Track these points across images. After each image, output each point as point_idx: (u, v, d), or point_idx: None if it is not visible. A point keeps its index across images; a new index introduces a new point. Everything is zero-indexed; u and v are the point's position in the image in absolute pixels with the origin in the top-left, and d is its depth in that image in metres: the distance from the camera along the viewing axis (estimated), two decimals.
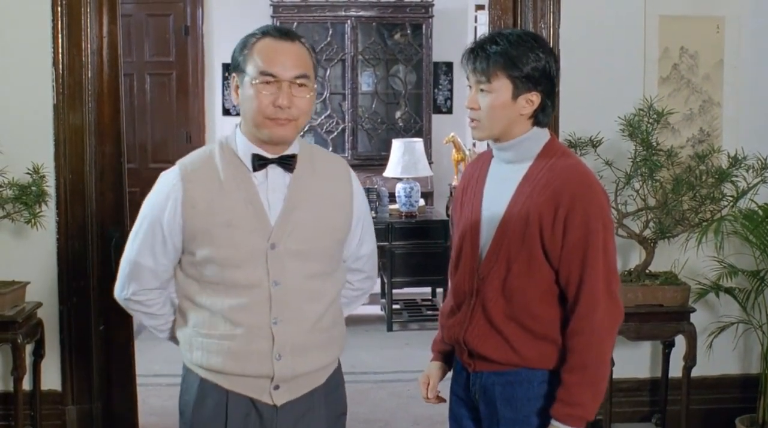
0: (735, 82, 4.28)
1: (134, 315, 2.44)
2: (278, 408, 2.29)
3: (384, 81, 8.50)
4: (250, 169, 2.28)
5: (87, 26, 4.03)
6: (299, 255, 2.27)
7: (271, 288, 2.25)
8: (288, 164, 2.30)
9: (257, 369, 2.25)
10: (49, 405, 4.11)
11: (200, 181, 2.26)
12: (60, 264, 4.09)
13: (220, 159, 2.29)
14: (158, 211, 2.28)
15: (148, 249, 2.31)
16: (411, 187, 6.56)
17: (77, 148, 4.05)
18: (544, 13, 4.13)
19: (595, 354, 2.32)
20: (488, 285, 2.39)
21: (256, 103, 2.22)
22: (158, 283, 2.35)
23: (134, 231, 2.35)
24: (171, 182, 2.28)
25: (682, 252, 4.10)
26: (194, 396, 2.32)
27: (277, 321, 2.25)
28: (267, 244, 2.25)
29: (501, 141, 2.43)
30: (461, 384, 2.54)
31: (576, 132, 4.03)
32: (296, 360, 2.28)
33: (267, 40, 2.24)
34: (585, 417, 2.32)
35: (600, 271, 2.31)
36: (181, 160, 2.34)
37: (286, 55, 2.23)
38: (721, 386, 4.36)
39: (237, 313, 2.25)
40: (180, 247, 2.29)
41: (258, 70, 2.21)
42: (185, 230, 2.26)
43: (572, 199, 2.31)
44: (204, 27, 8.31)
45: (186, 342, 2.34)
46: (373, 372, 5.52)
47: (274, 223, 2.26)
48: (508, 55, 2.33)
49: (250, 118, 2.25)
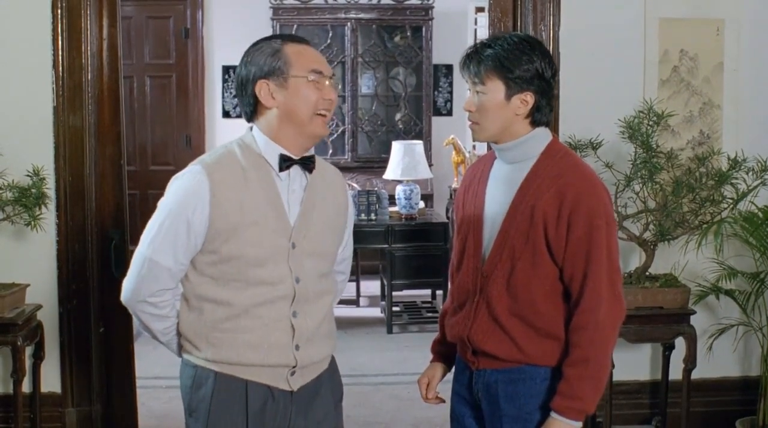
0: (735, 85, 4.28)
1: (142, 318, 2.42)
2: (293, 393, 2.38)
3: (384, 83, 8.50)
4: (275, 169, 2.34)
5: (87, 28, 4.03)
6: (314, 254, 2.38)
7: (294, 284, 2.34)
8: (308, 165, 2.38)
9: (279, 359, 2.34)
10: (49, 408, 4.11)
11: (227, 179, 2.31)
12: (60, 267, 4.08)
13: (243, 157, 2.34)
14: (183, 209, 2.29)
15: (170, 247, 2.30)
16: (411, 190, 6.55)
17: (77, 150, 4.05)
18: (544, 16, 4.13)
19: (597, 349, 2.35)
20: (492, 283, 2.42)
21: (311, 99, 2.32)
22: (173, 284, 2.37)
23: (153, 230, 2.33)
24: (197, 179, 2.29)
25: (682, 255, 4.10)
26: (211, 391, 2.35)
27: (297, 314, 2.35)
28: (288, 244, 2.34)
29: (501, 142, 2.47)
30: (463, 383, 2.55)
31: (576, 134, 4.03)
32: (311, 349, 2.38)
33: (293, 44, 2.36)
34: (585, 411, 2.35)
35: (603, 268, 2.35)
36: (200, 159, 2.37)
37: (318, 55, 2.40)
38: (722, 388, 4.36)
39: (259, 308, 2.32)
40: (200, 246, 2.31)
41: (308, 68, 2.33)
42: (211, 228, 2.29)
43: (576, 197, 2.35)
44: (204, 29, 8.32)
45: (200, 340, 2.35)
46: (373, 374, 5.52)
47: (293, 224, 2.35)
48: (500, 57, 2.40)
49: (299, 116, 2.33)
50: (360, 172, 8.19)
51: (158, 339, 2.48)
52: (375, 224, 6.48)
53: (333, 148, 8.30)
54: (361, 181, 7.99)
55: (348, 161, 8.24)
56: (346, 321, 6.59)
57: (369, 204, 6.51)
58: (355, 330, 6.54)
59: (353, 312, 7.03)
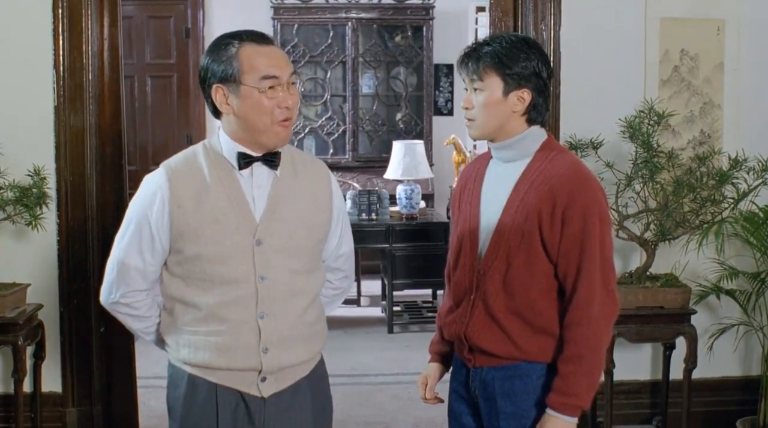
0: (735, 84, 4.28)
1: (120, 319, 2.45)
2: (265, 400, 2.34)
3: (385, 83, 8.50)
4: (235, 167, 2.32)
5: (88, 28, 4.03)
6: (283, 251, 2.33)
7: (257, 283, 2.30)
8: (272, 162, 2.34)
9: (245, 362, 2.30)
10: (50, 407, 4.11)
11: (186, 180, 2.31)
12: (61, 266, 4.09)
13: (205, 158, 2.34)
14: (145, 211, 2.32)
15: (135, 249, 2.33)
16: (412, 189, 6.55)
17: (78, 149, 4.06)
18: (544, 16, 4.13)
19: (591, 345, 2.36)
20: (489, 281, 2.43)
21: (266, 108, 2.25)
22: (146, 285, 2.38)
23: (121, 233, 2.38)
24: (157, 182, 2.32)
25: (683, 255, 4.10)
26: (183, 392, 2.36)
27: (264, 315, 2.31)
28: (253, 241, 2.30)
29: (497, 140, 2.49)
30: (461, 381, 2.57)
31: (577, 134, 4.03)
32: (282, 353, 2.33)
33: (250, 45, 2.27)
34: (580, 406, 2.37)
35: (597, 264, 2.36)
36: (165, 161, 2.38)
37: (276, 56, 2.29)
38: (722, 388, 4.36)
39: (224, 309, 2.30)
40: (167, 247, 2.33)
41: (260, 75, 2.24)
42: (173, 229, 2.30)
43: (570, 194, 2.37)
44: (205, 29, 8.31)
45: (173, 341, 2.38)
46: (373, 374, 5.51)
47: (259, 220, 2.31)
48: (498, 54, 2.41)
49: (255, 125, 2.27)
50: (361, 172, 8.18)
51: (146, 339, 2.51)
52: (376, 224, 6.48)
53: (334, 148, 8.30)
54: (362, 180, 7.99)
55: (349, 161, 8.24)
56: (346, 320, 6.59)
57: (370, 203, 6.50)
58: (355, 329, 6.53)
59: (354, 311, 7.02)
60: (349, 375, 5.22)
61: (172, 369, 2.41)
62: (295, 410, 2.38)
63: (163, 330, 2.41)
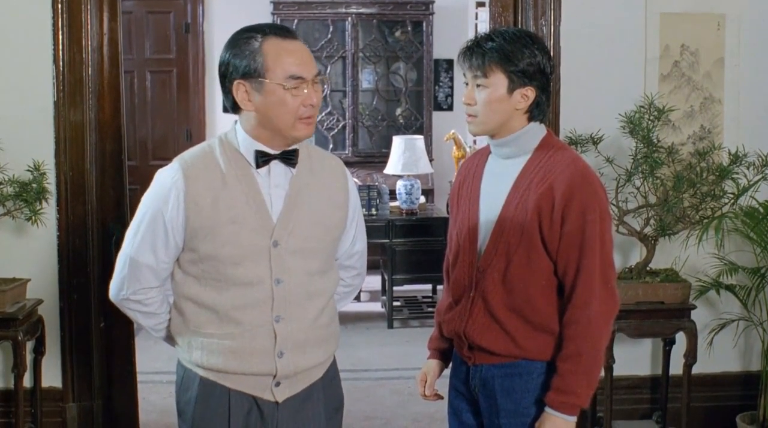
0: (736, 80, 4.27)
1: (130, 315, 2.41)
2: (279, 404, 2.30)
3: (384, 78, 8.50)
4: (252, 165, 2.27)
5: (87, 23, 4.03)
6: (300, 252, 2.28)
7: (273, 286, 2.25)
8: (290, 159, 2.29)
9: (260, 367, 2.26)
10: (50, 403, 4.11)
11: (202, 176, 2.25)
12: (61, 262, 4.09)
13: (222, 155, 2.28)
14: (160, 207, 2.26)
15: (148, 246, 2.28)
16: (411, 184, 6.56)
17: (78, 145, 4.05)
18: (544, 11, 4.12)
19: (590, 343, 2.35)
20: (488, 278, 2.42)
21: (290, 107, 2.21)
22: (158, 282, 2.33)
23: (133, 228, 2.32)
24: (172, 178, 2.26)
25: (683, 250, 4.09)
26: (195, 395, 2.31)
27: (279, 318, 2.26)
28: (270, 242, 2.25)
29: (498, 136, 2.47)
30: (460, 378, 2.56)
31: (577, 129, 4.03)
32: (297, 357, 2.29)
33: (274, 39, 2.22)
34: (579, 405, 2.36)
35: (596, 262, 2.35)
36: (180, 156, 2.32)
37: (303, 54, 2.25)
38: (722, 383, 4.36)
39: (239, 311, 2.25)
40: (181, 244, 2.28)
41: (287, 74, 2.20)
42: (188, 226, 2.24)
43: (570, 191, 2.35)
44: (205, 24, 8.31)
45: (184, 342, 2.33)
46: (373, 369, 5.53)
47: (276, 221, 2.26)
48: (503, 50, 2.38)
49: (277, 122, 2.23)
50: (360, 167, 8.18)
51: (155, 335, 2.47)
52: (376, 219, 6.48)
53: (333, 143, 8.30)
54: (362, 175, 7.99)
55: (348, 156, 8.23)
56: (346, 316, 6.59)
57: (370, 199, 6.51)
58: (355, 325, 6.55)
59: (354, 307, 7.01)
60: (349, 370, 5.24)
61: (183, 371, 2.36)
62: (309, 412, 2.34)
63: (174, 329, 2.37)
